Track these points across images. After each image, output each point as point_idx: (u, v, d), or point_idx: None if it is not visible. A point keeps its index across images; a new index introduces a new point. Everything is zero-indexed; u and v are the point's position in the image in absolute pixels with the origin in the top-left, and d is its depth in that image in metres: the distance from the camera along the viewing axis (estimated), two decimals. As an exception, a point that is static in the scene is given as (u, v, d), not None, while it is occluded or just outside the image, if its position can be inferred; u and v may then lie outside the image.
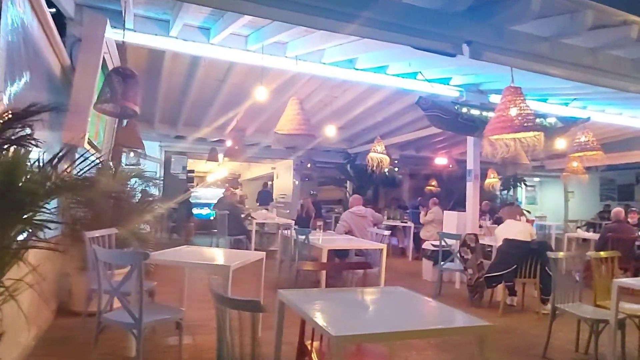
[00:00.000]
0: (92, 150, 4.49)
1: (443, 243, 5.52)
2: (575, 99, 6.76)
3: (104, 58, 4.15)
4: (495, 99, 6.83)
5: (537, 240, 4.98)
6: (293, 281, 5.29)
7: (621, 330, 3.58)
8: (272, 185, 16.34)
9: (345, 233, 6.01)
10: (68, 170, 2.24)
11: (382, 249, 4.90)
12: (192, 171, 13.72)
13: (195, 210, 11.95)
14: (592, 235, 8.12)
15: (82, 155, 2.54)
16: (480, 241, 6.05)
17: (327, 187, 14.72)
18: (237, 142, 8.13)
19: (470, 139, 6.86)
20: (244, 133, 9.52)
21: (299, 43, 5.18)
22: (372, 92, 7.05)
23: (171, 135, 10.73)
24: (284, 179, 15.03)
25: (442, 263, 5.51)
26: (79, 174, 2.27)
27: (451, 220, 6.92)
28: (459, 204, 7.36)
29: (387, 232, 5.28)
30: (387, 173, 15.18)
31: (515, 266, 4.84)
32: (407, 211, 11.83)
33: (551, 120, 6.47)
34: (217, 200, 8.53)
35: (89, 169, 2.59)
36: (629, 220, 7.58)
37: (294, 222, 8.26)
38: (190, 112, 8.19)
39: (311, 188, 13.32)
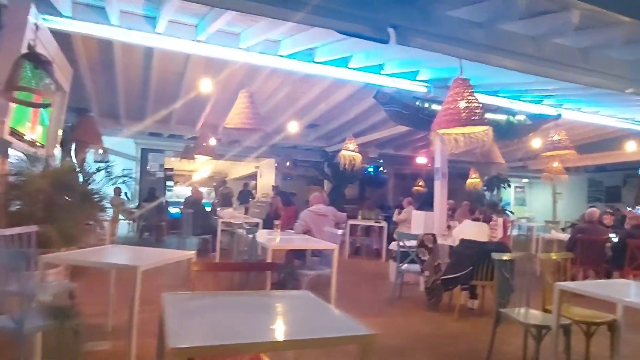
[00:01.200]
0: (20, 143, 4.27)
1: (402, 244, 5.30)
2: (547, 96, 6.54)
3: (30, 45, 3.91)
4: (465, 95, 6.64)
5: (494, 241, 4.76)
6: (244, 284, 5.07)
7: (566, 337, 3.37)
8: (255, 184, 16.15)
9: (304, 232, 5.79)
10: None
11: (333, 250, 4.70)
12: (171, 169, 13.50)
13: (172, 210, 11.72)
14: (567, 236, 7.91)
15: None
16: (446, 242, 5.84)
17: (314, 186, 14.51)
18: (205, 139, 7.91)
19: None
20: (216, 129, 9.29)
21: (250, 33, 4.97)
22: (338, 87, 6.84)
23: (145, 132, 10.52)
24: (267, 178, 14.83)
25: (400, 264, 5.30)
26: None
27: (419, 220, 6.72)
28: (428, 204, 7.15)
29: (339, 231, 5.07)
30: (371, 172, 15.06)
31: (471, 268, 4.63)
32: (390, 211, 11.61)
33: (520, 117, 6.28)
34: (184, 199, 8.31)
35: None
36: (604, 222, 7.38)
37: (262, 221, 8.06)
38: (156, 107, 7.97)
39: (296, 187, 13.09)
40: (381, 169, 14.68)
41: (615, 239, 6.40)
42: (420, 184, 14.23)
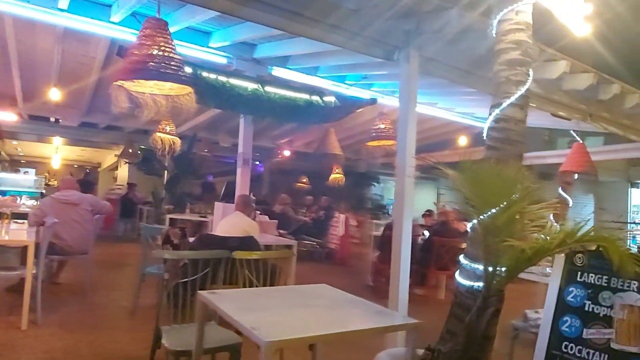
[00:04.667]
0: None
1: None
2: (365, 76, 5.91)
3: None
4: (280, 72, 5.79)
5: (242, 236, 3.88)
6: None
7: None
8: (117, 175, 14.45)
9: (40, 225, 4.56)
10: None
11: (27, 245, 3.56)
12: (-3, 153, 11.39)
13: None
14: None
15: None
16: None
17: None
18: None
19: (242, 119, 5.77)
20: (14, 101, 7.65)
21: None
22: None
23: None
24: (126, 167, 13.24)
25: (144, 266, 4.27)
26: None
27: (218, 213, 5.77)
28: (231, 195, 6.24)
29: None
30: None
31: (208, 269, 3.71)
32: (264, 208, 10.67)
33: (329, 98, 5.55)
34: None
35: None
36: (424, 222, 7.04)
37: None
38: None
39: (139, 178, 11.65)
40: (257, 162, 13.76)
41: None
42: (303, 180, 13.55)
